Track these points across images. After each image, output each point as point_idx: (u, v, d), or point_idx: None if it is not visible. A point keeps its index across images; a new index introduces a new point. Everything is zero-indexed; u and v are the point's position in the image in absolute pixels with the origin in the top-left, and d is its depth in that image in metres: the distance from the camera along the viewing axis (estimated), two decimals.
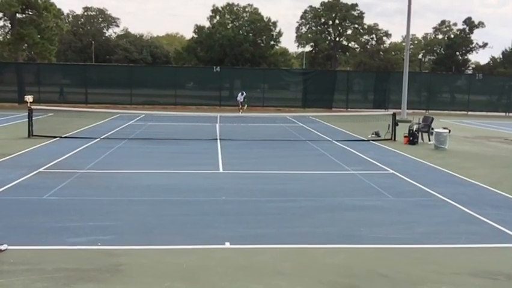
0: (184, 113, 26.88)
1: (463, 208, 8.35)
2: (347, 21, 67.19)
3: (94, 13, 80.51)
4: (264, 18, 59.15)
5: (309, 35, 67.61)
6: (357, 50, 70.77)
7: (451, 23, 69.79)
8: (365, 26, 68.33)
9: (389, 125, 17.99)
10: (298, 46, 70.84)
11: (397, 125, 17.81)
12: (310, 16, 67.92)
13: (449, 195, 9.18)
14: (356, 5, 65.99)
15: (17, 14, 37.42)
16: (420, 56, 71.14)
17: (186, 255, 5.93)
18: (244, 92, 30.67)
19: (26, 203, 8.10)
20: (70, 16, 76.94)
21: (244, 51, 55.35)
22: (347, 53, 70.35)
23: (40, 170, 10.73)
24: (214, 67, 36.26)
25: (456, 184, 10.42)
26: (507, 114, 35.78)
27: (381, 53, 69.99)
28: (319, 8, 66.82)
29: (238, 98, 30.47)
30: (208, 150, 14.25)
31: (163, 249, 6.12)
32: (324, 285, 5.20)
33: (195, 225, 7.11)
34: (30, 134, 16.21)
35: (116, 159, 12.55)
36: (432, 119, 18.22)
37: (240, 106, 30.20)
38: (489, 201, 8.91)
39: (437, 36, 71.65)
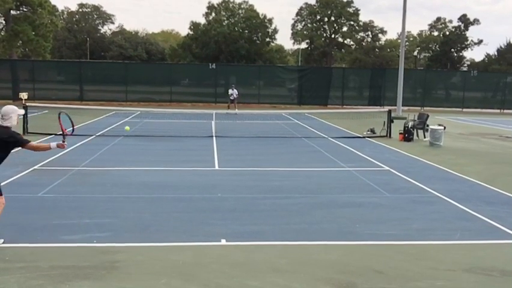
0: (180, 110, 26.80)
1: (458, 205, 8.40)
2: (343, 18, 67.21)
3: (88, 10, 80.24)
4: (260, 15, 59.11)
5: (305, 32, 67.61)
6: (353, 46, 70.80)
7: (446, 20, 70.02)
8: (361, 23, 68.39)
9: (384, 122, 18.04)
10: (294, 43, 70.95)
11: (392, 122, 17.86)
12: (306, 13, 67.90)
13: (444, 192, 9.22)
14: (352, 1, 66.01)
15: (12, 11, 37.17)
16: (415, 53, 71.36)
17: (182, 252, 5.94)
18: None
19: (21, 200, 8.07)
20: (65, 13, 76.62)
21: (239, 48, 55.32)
22: (343, 50, 70.42)
23: (35, 167, 10.70)
24: (210, 64, 36.19)
25: (451, 181, 10.46)
26: (502, 111, 35.94)
27: (376, 50, 70.06)
28: (315, 5, 66.81)
29: (233, 96, 28.35)
30: (203, 147, 14.25)
31: (159, 246, 6.12)
32: (320, 281, 5.21)
33: (190, 222, 7.11)
34: (25, 131, 16.13)
35: (112, 157, 12.53)
36: (428, 115, 18.27)
37: (234, 103, 28.27)
38: (484, 198, 8.96)
39: (432, 33, 71.81)
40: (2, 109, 6.11)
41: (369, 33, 70.38)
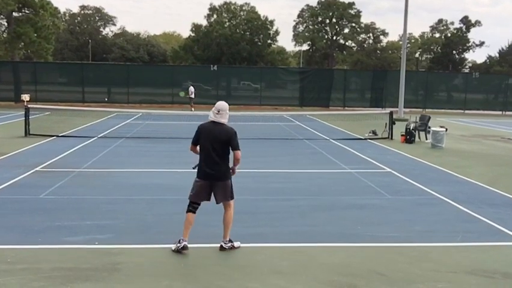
0: (181, 111, 26.82)
1: (460, 206, 8.38)
2: (344, 20, 67.33)
3: (90, 12, 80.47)
4: (261, 17, 59.14)
5: (306, 34, 67.71)
6: (354, 48, 70.89)
7: (448, 22, 70.04)
8: (362, 25, 68.45)
9: (386, 123, 18.02)
10: (295, 45, 71.03)
11: (394, 123, 17.84)
12: (307, 15, 68.02)
13: (446, 194, 9.20)
14: (353, 3, 66.10)
15: (14, 13, 37.34)
16: (417, 55, 71.28)
17: (184, 254, 5.93)
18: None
19: (23, 202, 8.07)
20: (67, 15, 76.82)
21: (241, 49, 55.35)
22: (344, 52, 70.48)
23: (37, 169, 10.70)
24: (211, 66, 36.24)
25: (453, 182, 10.45)
26: (504, 112, 35.89)
27: (378, 51, 70.10)
28: (316, 7, 66.89)
29: (191, 94, 29.28)
30: None
31: (160, 248, 6.12)
32: (322, 284, 5.20)
33: None
34: (27, 133, 16.17)
35: (113, 158, 12.53)
36: (429, 117, 18.25)
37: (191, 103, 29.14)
38: (486, 200, 8.94)
39: (434, 35, 71.86)
40: (219, 105, 6.34)
41: (371, 35, 70.45)
